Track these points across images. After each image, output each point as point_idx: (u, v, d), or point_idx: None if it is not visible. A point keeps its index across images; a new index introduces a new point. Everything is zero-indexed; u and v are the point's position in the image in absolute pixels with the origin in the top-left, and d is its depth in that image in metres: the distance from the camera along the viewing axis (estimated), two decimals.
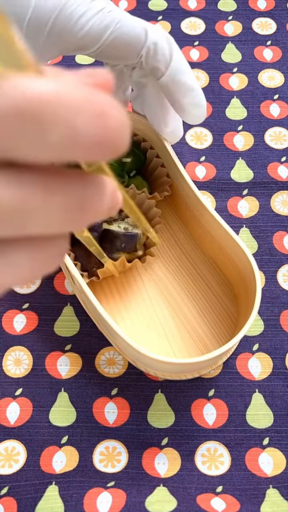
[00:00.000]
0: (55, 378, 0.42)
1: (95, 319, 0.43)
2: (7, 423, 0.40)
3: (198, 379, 0.42)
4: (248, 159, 0.51)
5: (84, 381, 0.42)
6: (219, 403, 0.41)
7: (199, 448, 0.40)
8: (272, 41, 0.58)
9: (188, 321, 0.43)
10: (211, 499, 0.38)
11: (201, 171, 0.50)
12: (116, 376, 0.42)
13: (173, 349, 0.42)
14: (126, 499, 0.38)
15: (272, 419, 0.41)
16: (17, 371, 0.42)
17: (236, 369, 0.42)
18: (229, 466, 0.39)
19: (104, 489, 0.38)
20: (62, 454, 0.40)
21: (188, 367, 0.39)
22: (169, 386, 0.42)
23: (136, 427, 0.40)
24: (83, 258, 0.42)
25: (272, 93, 0.54)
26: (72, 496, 0.38)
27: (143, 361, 0.40)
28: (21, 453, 0.40)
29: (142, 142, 0.46)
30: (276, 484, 0.38)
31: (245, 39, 0.58)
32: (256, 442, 0.40)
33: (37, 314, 0.44)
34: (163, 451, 0.40)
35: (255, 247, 0.47)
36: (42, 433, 0.40)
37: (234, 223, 0.48)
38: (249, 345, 0.43)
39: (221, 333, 0.43)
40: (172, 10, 0.59)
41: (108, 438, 0.40)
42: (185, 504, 0.38)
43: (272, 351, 0.43)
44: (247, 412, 0.41)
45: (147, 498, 0.38)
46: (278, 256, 0.46)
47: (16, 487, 0.38)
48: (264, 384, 0.42)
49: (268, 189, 0.49)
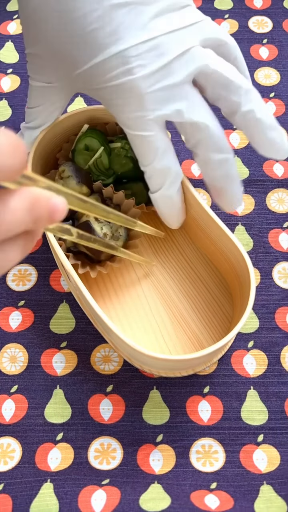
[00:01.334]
0: (51, 375, 0.42)
1: (91, 316, 0.43)
2: (2, 420, 0.41)
3: (193, 376, 0.42)
4: (244, 157, 0.51)
5: (79, 378, 0.42)
6: (214, 400, 0.41)
7: (194, 445, 0.40)
8: (268, 40, 0.58)
9: (183, 319, 0.43)
10: (205, 495, 0.38)
11: (197, 168, 0.50)
12: (112, 373, 0.42)
13: (168, 346, 0.42)
14: (121, 497, 0.38)
15: (266, 416, 0.41)
16: (13, 368, 0.42)
17: (231, 366, 0.42)
18: (224, 463, 0.39)
19: (98, 487, 0.38)
20: (58, 451, 0.40)
21: (183, 363, 0.39)
22: (164, 383, 0.42)
23: (131, 423, 0.41)
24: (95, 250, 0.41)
25: (268, 91, 0.55)
26: (66, 494, 0.38)
27: (138, 358, 0.40)
28: (16, 450, 0.40)
29: None
30: (270, 481, 0.38)
31: (241, 37, 0.58)
32: (251, 438, 0.40)
33: (32, 311, 0.44)
34: (158, 448, 0.40)
35: (251, 244, 0.47)
36: (38, 430, 0.40)
37: (229, 221, 0.48)
38: (244, 342, 0.43)
39: (216, 331, 0.43)
40: None
41: (103, 435, 0.40)
42: (179, 502, 0.38)
43: (267, 348, 0.43)
44: (242, 409, 0.41)
45: (141, 495, 0.38)
46: (273, 254, 0.46)
47: (11, 484, 0.39)
48: (259, 381, 0.42)
49: (264, 187, 0.49)
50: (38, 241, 0.47)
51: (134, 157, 0.44)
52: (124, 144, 0.44)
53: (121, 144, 0.44)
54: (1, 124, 0.53)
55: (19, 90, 0.55)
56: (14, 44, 0.57)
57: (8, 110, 0.54)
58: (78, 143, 0.45)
